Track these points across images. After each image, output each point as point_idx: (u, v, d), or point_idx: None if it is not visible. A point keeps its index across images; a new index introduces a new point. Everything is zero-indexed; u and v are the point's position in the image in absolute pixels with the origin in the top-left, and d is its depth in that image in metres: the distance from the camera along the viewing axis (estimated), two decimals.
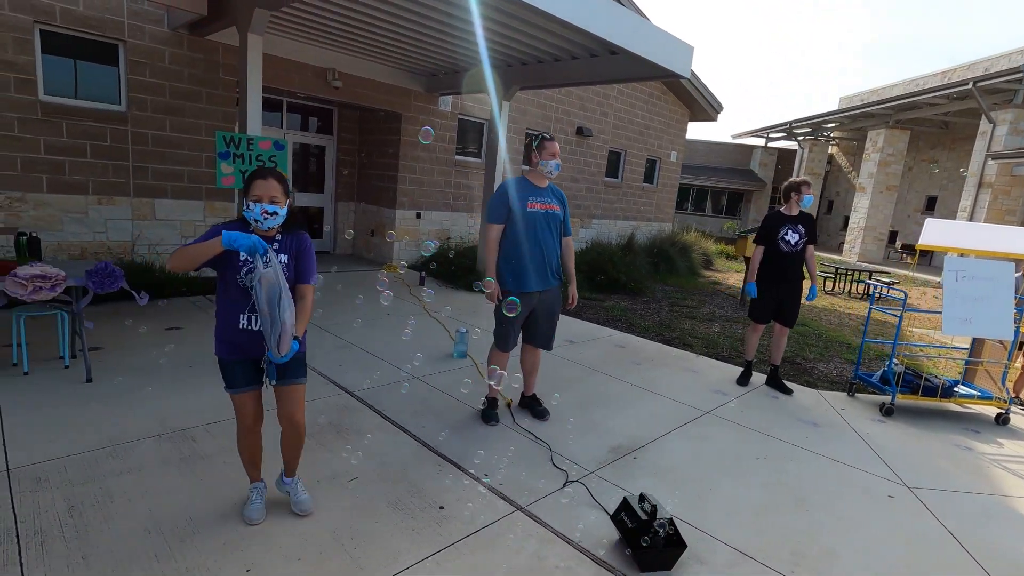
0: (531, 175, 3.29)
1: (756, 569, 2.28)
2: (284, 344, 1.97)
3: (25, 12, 5.27)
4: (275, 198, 2.02)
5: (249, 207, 2.01)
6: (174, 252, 1.96)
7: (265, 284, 1.92)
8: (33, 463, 2.54)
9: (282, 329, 1.96)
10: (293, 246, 2.15)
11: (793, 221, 4.31)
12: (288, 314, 1.96)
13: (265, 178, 2.02)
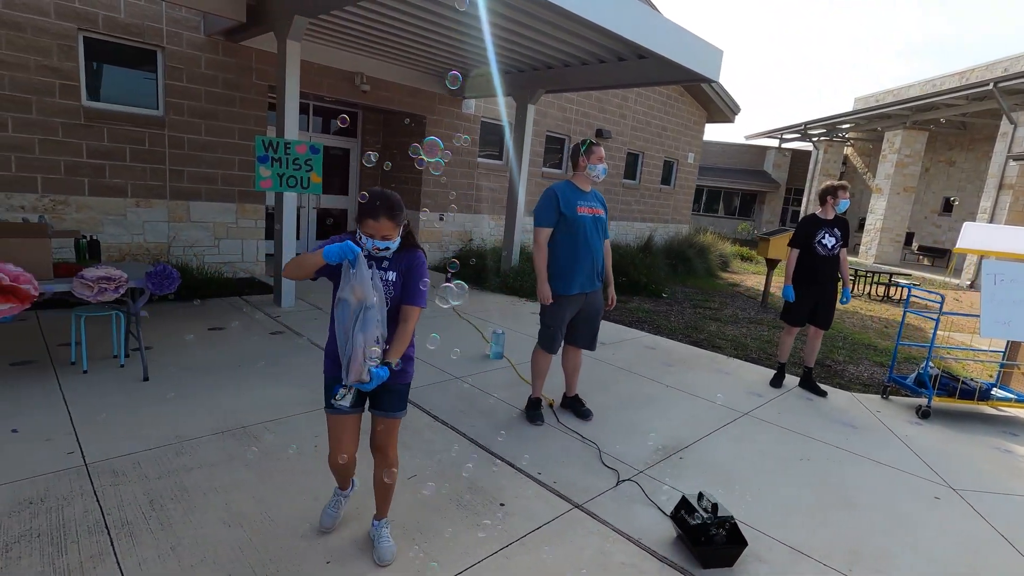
0: (577, 179, 3.36)
1: (815, 567, 2.33)
2: (352, 370, 1.78)
3: (70, 19, 5.42)
4: (386, 236, 1.89)
5: (362, 237, 1.91)
6: (290, 260, 1.91)
7: (352, 296, 1.79)
8: (108, 458, 2.64)
9: (352, 352, 1.77)
10: (403, 263, 2.00)
11: (829, 225, 4.34)
12: (363, 335, 1.77)
13: (377, 218, 1.85)
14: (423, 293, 1.99)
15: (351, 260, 1.80)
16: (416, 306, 1.98)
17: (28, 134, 5.35)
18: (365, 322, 1.79)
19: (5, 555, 1.98)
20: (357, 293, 1.79)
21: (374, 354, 1.81)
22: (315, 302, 6.00)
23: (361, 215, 1.88)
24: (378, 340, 1.84)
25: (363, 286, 1.79)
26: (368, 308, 1.80)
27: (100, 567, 1.96)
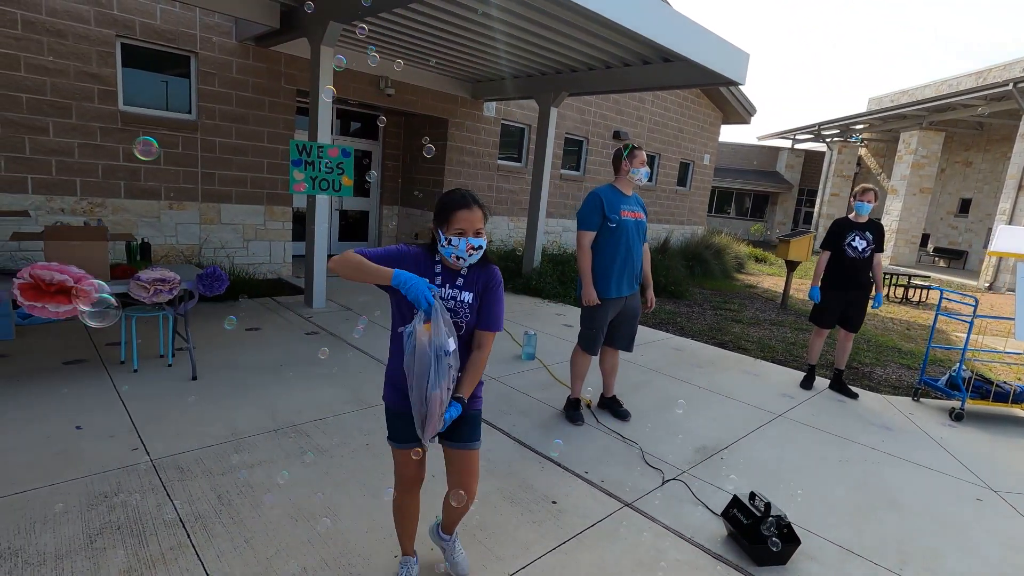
0: (619, 183, 3.41)
1: (866, 566, 2.37)
2: (429, 428, 1.59)
3: (108, 26, 5.54)
4: (480, 230, 1.68)
5: (450, 243, 1.66)
6: (342, 254, 1.65)
7: (418, 347, 1.56)
8: (172, 454, 2.73)
9: (428, 410, 1.56)
10: (480, 282, 1.77)
11: (861, 228, 4.36)
12: (439, 390, 1.56)
13: (470, 207, 1.66)
14: (501, 315, 1.80)
15: (424, 308, 1.56)
16: (494, 331, 1.79)
17: (68, 138, 5.48)
18: (440, 373, 1.56)
19: (91, 546, 2.06)
20: (423, 346, 1.55)
21: (447, 396, 1.61)
22: (346, 303, 6.09)
23: (449, 210, 1.67)
24: (453, 378, 1.63)
25: (440, 338, 1.55)
26: (436, 362, 1.55)
27: (181, 558, 2.04)
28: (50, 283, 2.85)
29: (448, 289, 1.74)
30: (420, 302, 1.55)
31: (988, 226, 17.16)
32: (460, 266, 1.73)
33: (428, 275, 1.72)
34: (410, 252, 1.75)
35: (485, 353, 1.78)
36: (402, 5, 4.60)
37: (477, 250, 1.69)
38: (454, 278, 1.75)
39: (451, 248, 1.67)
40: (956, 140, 18.86)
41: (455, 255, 1.69)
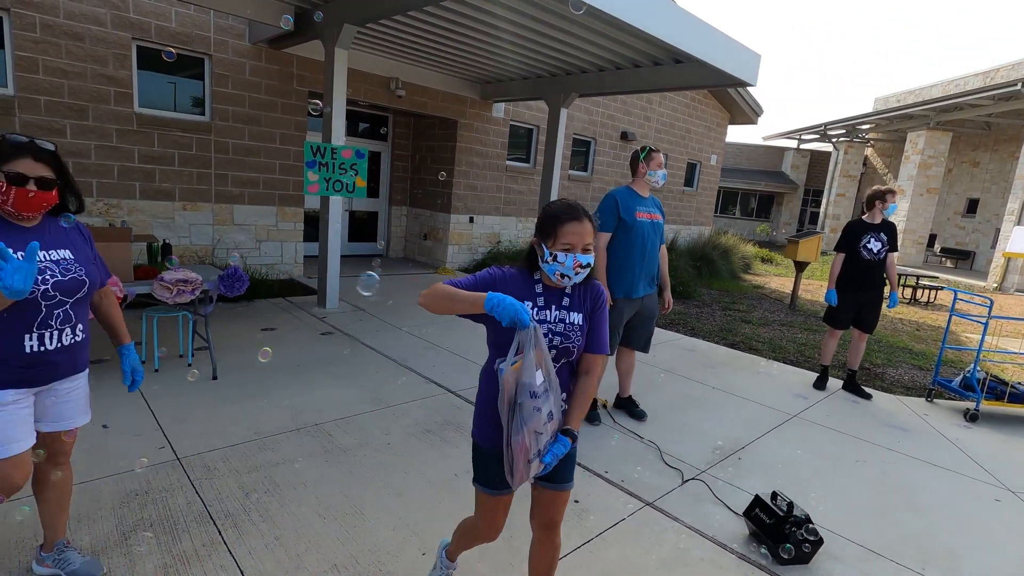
0: (636, 184, 3.44)
1: (888, 566, 2.39)
2: (516, 474, 1.44)
3: (124, 29, 5.59)
4: (589, 246, 1.52)
5: (555, 259, 1.49)
6: (431, 288, 1.52)
7: (505, 389, 1.41)
8: (198, 452, 2.77)
9: (513, 456, 1.42)
10: (587, 301, 1.61)
11: (875, 229, 4.37)
12: (522, 435, 1.39)
13: (580, 219, 1.50)
14: (607, 337, 1.64)
15: (523, 328, 1.39)
16: (603, 355, 1.62)
17: (85, 140, 5.53)
18: (525, 417, 1.39)
19: (125, 542, 2.10)
20: (509, 383, 1.40)
21: (544, 435, 1.45)
22: (358, 303, 6.13)
23: (555, 222, 1.51)
24: (550, 416, 1.46)
25: (527, 372, 1.38)
26: (532, 397, 1.39)
27: (214, 555, 2.07)
28: None
29: (555, 311, 1.57)
30: (520, 322, 1.38)
31: (996, 227, 17.08)
32: (563, 284, 1.55)
33: (529, 297, 1.56)
34: (506, 274, 1.60)
35: (595, 379, 1.62)
36: (416, 8, 4.63)
37: (585, 268, 1.52)
38: (559, 298, 1.59)
39: (555, 265, 1.50)
40: (963, 140, 18.80)
41: (559, 273, 1.51)
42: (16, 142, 1.53)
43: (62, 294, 1.61)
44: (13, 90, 5.15)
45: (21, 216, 1.56)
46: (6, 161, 1.50)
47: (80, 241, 1.75)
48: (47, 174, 1.55)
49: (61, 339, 1.64)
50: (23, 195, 1.51)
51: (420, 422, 3.35)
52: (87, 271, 1.69)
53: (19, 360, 1.57)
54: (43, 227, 1.64)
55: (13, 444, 1.60)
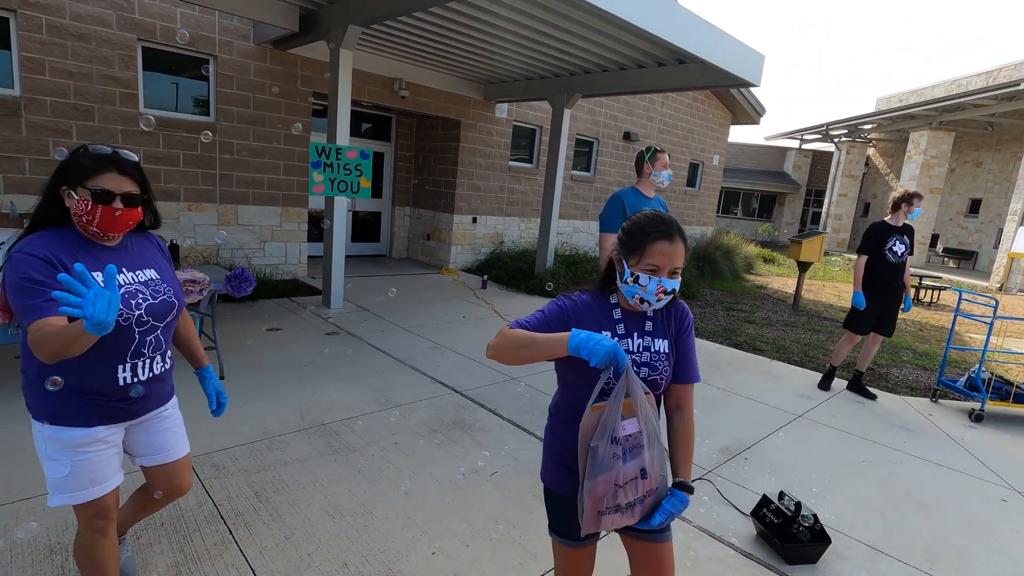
0: (642, 185, 3.44)
1: (896, 566, 2.39)
2: (585, 522, 1.28)
3: (130, 30, 5.62)
4: (678, 269, 1.32)
5: (636, 280, 1.30)
6: (501, 336, 1.35)
7: (585, 426, 1.26)
8: (207, 452, 2.78)
9: (587, 502, 1.26)
10: (672, 324, 1.44)
11: (899, 232, 4.30)
12: (597, 485, 1.25)
13: (672, 238, 1.30)
14: (696, 362, 1.46)
15: (617, 369, 1.22)
16: (694, 383, 1.46)
17: (90, 141, 5.55)
18: (600, 464, 1.24)
19: (137, 541, 2.11)
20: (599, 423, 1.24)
21: (631, 493, 1.28)
22: (363, 304, 6.14)
23: (643, 237, 1.31)
24: (644, 473, 1.29)
25: (612, 416, 1.23)
26: (612, 443, 1.24)
27: (225, 554, 2.08)
28: None
29: (637, 339, 1.38)
30: (617, 364, 1.20)
31: (999, 227, 17.06)
32: (642, 309, 1.37)
33: (607, 326, 1.38)
34: (577, 303, 1.40)
35: (690, 415, 1.46)
36: (422, 9, 4.64)
37: (669, 294, 1.32)
38: (641, 324, 1.40)
39: (635, 288, 1.31)
40: (966, 140, 18.78)
41: (639, 297, 1.32)
42: (100, 154, 1.37)
43: (154, 319, 1.48)
44: (20, 91, 5.17)
45: (105, 236, 1.42)
46: (89, 176, 1.34)
47: (162, 258, 1.61)
48: (133, 189, 1.40)
49: (152, 368, 1.52)
50: (110, 214, 1.36)
51: (427, 422, 3.36)
52: (175, 291, 1.56)
53: (111, 393, 1.43)
54: (125, 246, 1.49)
55: (104, 484, 1.48)
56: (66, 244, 1.37)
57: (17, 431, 2.79)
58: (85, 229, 1.39)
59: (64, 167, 1.37)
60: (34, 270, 1.27)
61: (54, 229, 1.39)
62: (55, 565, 1.95)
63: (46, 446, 1.43)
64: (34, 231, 1.39)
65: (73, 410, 1.41)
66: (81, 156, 1.36)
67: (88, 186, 1.34)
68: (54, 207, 1.39)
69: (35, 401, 1.44)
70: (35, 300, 1.25)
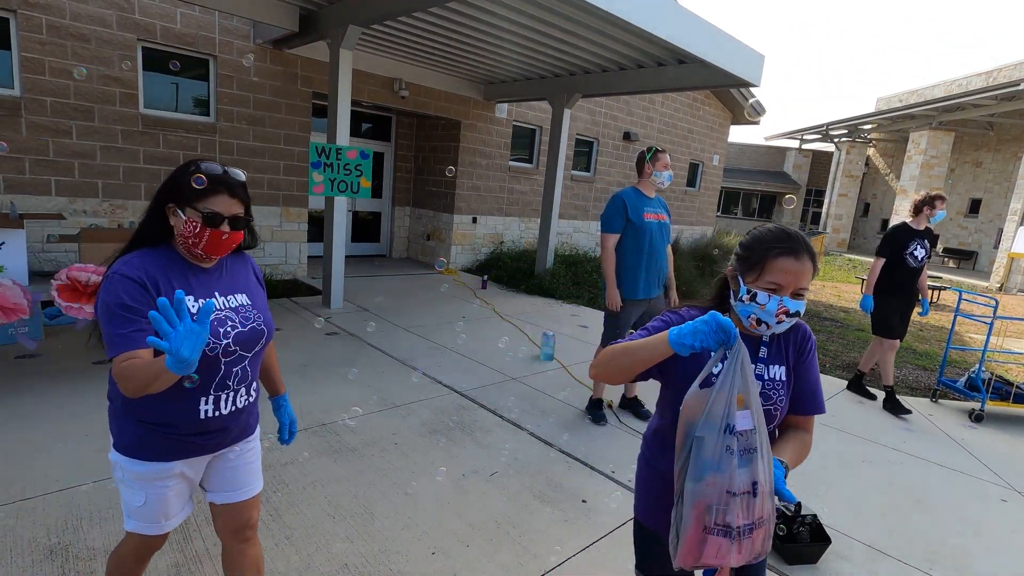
0: (642, 185, 3.44)
1: (895, 566, 2.40)
2: (685, 544, 1.06)
3: (130, 30, 5.62)
4: (803, 290, 1.18)
5: (753, 298, 1.17)
6: (601, 354, 1.25)
7: (688, 409, 1.09)
8: None
9: (688, 515, 1.05)
10: (790, 349, 1.30)
11: (921, 236, 4.15)
12: (705, 487, 1.04)
13: (799, 255, 1.17)
14: (822, 391, 1.33)
15: (727, 344, 1.04)
16: (813, 415, 1.33)
17: (91, 141, 5.56)
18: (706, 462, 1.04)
19: None
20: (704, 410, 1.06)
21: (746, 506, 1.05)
22: (363, 304, 6.14)
23: (764, 252, 1.18)
24: (755, 488, 1.06)
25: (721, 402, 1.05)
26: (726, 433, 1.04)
27: None
28: (87, 284, 2.91)
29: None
30: (728, 335, 1.03)
31: (999, 227, 17.07)
32: (759, 332, 1.22)
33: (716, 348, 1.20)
34: (684, 318, 1.27)
35: (808, 443, 1.31)
36: (422, 9, 4.64)
37: (792, 317, 1.16)
38: (755, 348, 1.26)
39: (751, 307, 1.17)
40: (966, 140, 18.78)
41: (755, 318, 1.18)
42: (212, 174, 1.28)
43: (242, 348, 1.37)
44: (20, 91, 5.17)
45: (207, 258, 1.34)
46: (200, 197, 1.27)
47: (254, 282, 1.52)
48: (240, 212, 1.32)
49: (236, 401, 1.41)
50: (217, 237, 1.29)
51: (427, 422, 3.36)
52: (265, 318, 1.46)
53: (191, 427, 1.34)
54: (220, 268, 1.41)
55: (175, 519, 1.43)
56: (164, 265, 1.30)
57: (17, 431, 2.79)
58: (188, 251, 1.32)
59: (173, 184, 1.30)
60: (128, 295, 1.21)
61: (153, 248, 1.32)
62: (55, 565, 1.95)
63: (123, 474, 1.36)
64: (134, 248, 1.32)
65: (153, 443, 1.33)
66: (192, 175, 1.27)
67: (198, 207, 1.26)
68: (157, 224, 1.32)
69: (117, 431, 1.36)
70: (124, 330, 1.18)
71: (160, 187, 1.33)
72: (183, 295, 1.05)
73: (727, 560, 1.07)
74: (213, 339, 1.30)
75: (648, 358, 1.14)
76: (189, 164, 1.31)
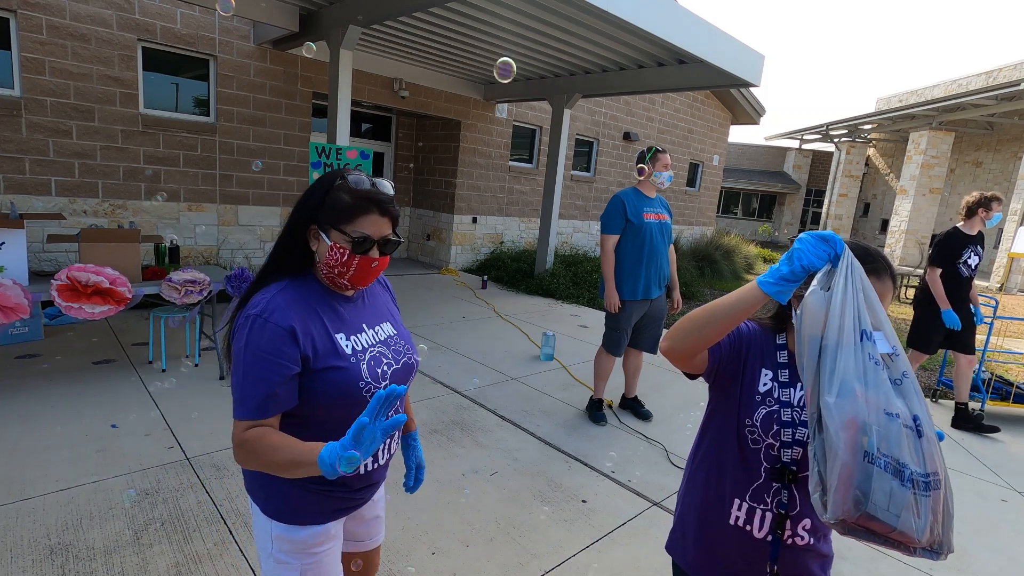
0: (642, 186, 3.44)
1: (896, 566, 2.40)
2: (836, 501, 0.81)
3: (130, 30, 5.62)
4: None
5: None
6: (679, 324, 1.06)
7: (808, 309, 0.90)
8: (207, 452, 2.78)
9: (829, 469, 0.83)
10: None
11: (974, 242, 3.85)
12: (856, 401, 0.83)
13: (881, 275, 1.05)
14: None
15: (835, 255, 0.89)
16: None
17: (91, 141, 5.56)
18: (849, 365, 0.84)
19: (138, 541, 2.11)
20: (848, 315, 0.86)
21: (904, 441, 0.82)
22: None
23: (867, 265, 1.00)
24: (916, 425, 0.85)
25: (850, 306, 0.87)
26: (864, 340, 0.85)
27: (226, 554, 2.08)
28: (86, 284, 2.92)
29: (801, 390, 1.09)
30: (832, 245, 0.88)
31: (999, 227, 17.07)
32: None
33: (768, 363, 1.13)
34: (750, 329, 1.18)
35: None
36: (422, 9, 4.64)
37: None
38: (795, 368, 1.12)
39: None
40: (966, 140, 18.78)
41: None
42: (362, 190, 1.08)
43: None
44: (20, 91, 5.17)
45: (350, 288, 1.15)
46: (349, 218, 1.07)
47: (392, 303, 1.35)
48: (390, 232, 1.12)
49: (391, 447, 1.24)
50: (366, 265, 1.10)
51: (426, 422, 3.36)
52: (411, 347, 1.27)
53: (353, 482, 1.18)
54: (362, 292, 1.23)
55: None
56: (309, 301, 1.10)
57: (17, 431, 2.79)
58: (332, 281, 1.13)
59: (316, 201, 1.09)
60: (273, 348, 1.01)
61: (294, 280, 1.12)
62: (55, 565, 1.95)
63: (273, 546, 1.16)
64: (270, 279, 1.12)
65: (308, 506, 1.15)
66: (340, 191, 1.08)
67: (347, 231, 1.07)
68: (298, 250, 1.11)
69: (262, 493, 1.16)
70: (260, 391, 1.00)
71: (298, 205, 1.11)
72: (383, 394, 0.86)
73: (908, 525, 0.77)
74: (373, 383, 1.11)
75: (739, 311, 0.96)
76: (334, 176, 1.10)
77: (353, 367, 1.09)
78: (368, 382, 1.11)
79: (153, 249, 3.81)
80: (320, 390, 1.06)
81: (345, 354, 1.10)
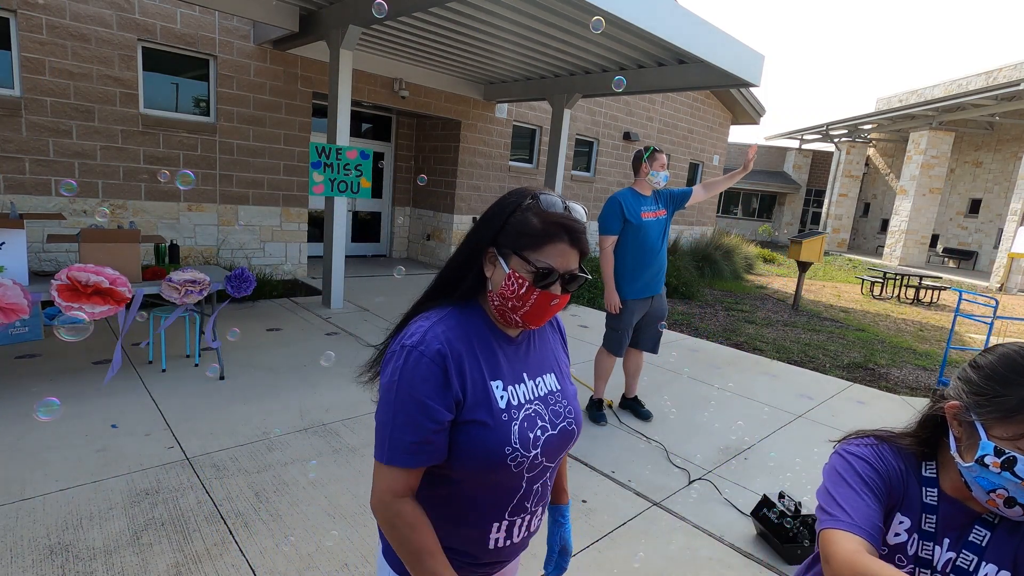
0: (639, 185, 3.44)
1: None
2: None
3: (130, 30, 5.62)
4: None
5: (1009, 465, 0.78)
6: None
7: None
8: (207, 452, 2.78)
9: None
10: (1018, 538, 0.86)
11: None
12: None
13: None
14: None
15: None
16: None
17: (91, 141, 5.56)
18: None
19: (137, 542, 2.11)
20: None
21: None
22: (363, 304, 6.14)
23: (1010, 389, 0.80)
24: None
25: None
26: None
27: (226, 554, 2.09)
28: (87, 285, 2.92)
29: (948, 549, 0.87)
30: None
31: (999, 227, 17.08)
32: (993, 509, 0.82)
33: (911, 508, 0.90)
34: (882, 462, 0.92)
35: None
36: (422, 9, 4.64)
37: None
38: (967, 527, 0.88)
39: (1002, 478, 0.78)
40: (966, 140, 18.78)
41: (1003, 493, 0.79)
42: (554, 212, 0.93)
43: (548, 458, 0.99)
44: (20, 91, 5.17)
45: (521, 325, 0.98)
46: (536, 245, 0.92)
47: (560, 346, 1.16)
48: (576, 266, 0.95)
49: (530, 525, 1.04)
50: (545, 302, 0.93)
51: None
52: (575, 409, 1.06)
53: (478, 555, 1.00)
54: (528, 336, 1.06)
55: None
56: (470, 334, 0.96)
57: (17, 431, 2.79)
58: (502, 315, 0.97)
59: (499, 221, 0.94)
60: (426, 387, 0.88)
61: (457, 307, 0.98)
62: (55, 565, 1.95)
63: None
64: (432, 304, 0.99)
65: None
66: (529, 212, 0.93)
67: (530, 259, 0.91)
68: (471, 274, 0.97)
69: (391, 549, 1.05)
70: (406, 437, 0.88)
71: (482, 221, 0.97)
72: None
73: None
74: (521, 450, 0.93)
75: None
76: (523, 195, 0.95)
77: (503, 426, 0.92)
78: (516, 448, 0.92)
79: (153, 249, 3.81)
80: (461, 444, 0.91)
81: (498, 409, 0.93)
